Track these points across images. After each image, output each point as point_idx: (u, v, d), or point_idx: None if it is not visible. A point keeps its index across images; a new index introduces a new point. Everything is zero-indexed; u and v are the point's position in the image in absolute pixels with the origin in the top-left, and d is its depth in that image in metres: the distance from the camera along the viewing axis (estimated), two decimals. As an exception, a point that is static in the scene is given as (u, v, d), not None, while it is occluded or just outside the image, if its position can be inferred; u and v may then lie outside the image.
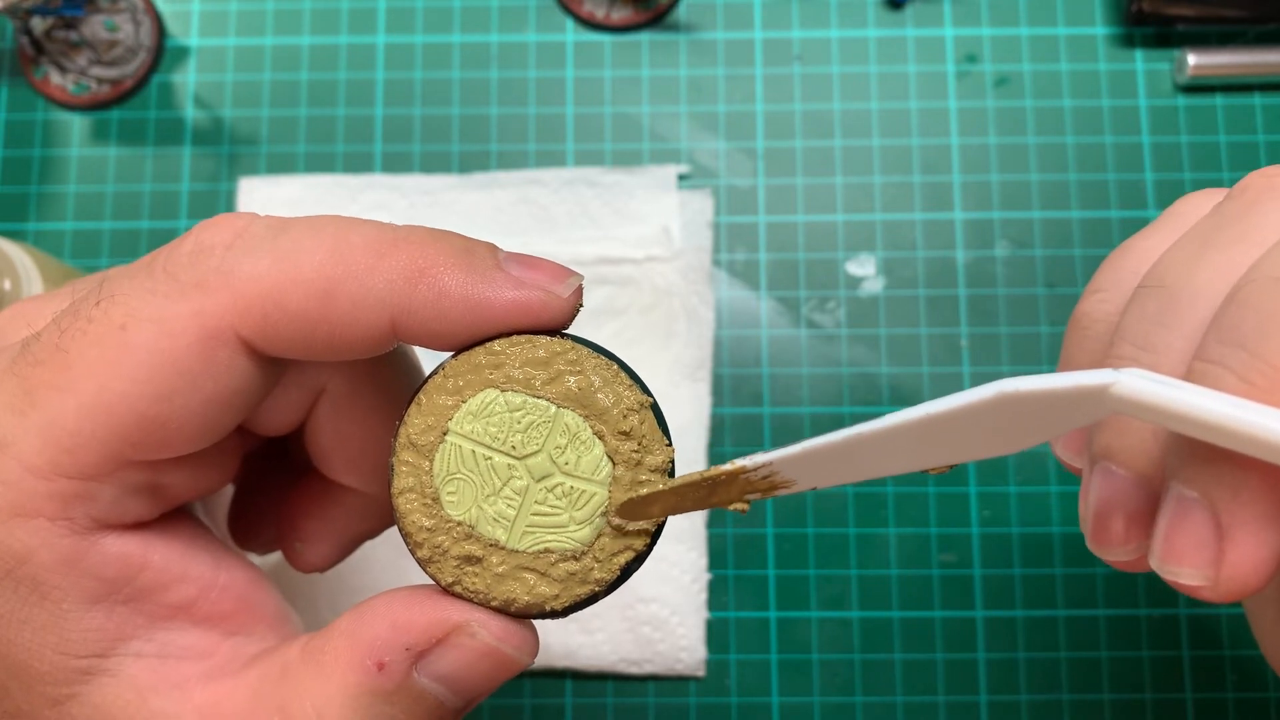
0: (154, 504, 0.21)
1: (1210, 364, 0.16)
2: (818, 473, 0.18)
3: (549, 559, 0.20)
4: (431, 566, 0.20)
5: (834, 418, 0.39)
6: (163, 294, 0.19)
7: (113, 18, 0.41)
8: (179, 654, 0.20)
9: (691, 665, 0.37)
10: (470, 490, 0.20)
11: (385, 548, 0.37)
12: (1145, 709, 0.37)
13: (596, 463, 0.20)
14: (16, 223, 0.41)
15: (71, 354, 0.19)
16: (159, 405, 0.19)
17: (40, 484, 0.19)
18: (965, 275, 0.40)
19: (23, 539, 0.19)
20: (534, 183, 0.40)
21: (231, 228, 0.20)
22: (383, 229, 0.20)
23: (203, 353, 0.19)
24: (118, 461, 0.19)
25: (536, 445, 0.20)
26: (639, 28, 0.42)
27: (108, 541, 0.20)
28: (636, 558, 0.20)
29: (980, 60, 0.42)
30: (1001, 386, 0.15)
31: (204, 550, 0.21)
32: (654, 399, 0.20)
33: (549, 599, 0.20)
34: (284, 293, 0.19)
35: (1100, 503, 0.18)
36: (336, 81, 0.42)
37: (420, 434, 0.20)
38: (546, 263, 0.20)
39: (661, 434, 0.20)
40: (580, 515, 0.20)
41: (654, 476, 0.20)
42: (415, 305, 0.19)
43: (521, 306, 0.20)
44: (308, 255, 0.19)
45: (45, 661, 0.19)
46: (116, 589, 0.20)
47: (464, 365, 0.20)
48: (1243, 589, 0.16)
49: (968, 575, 0.38)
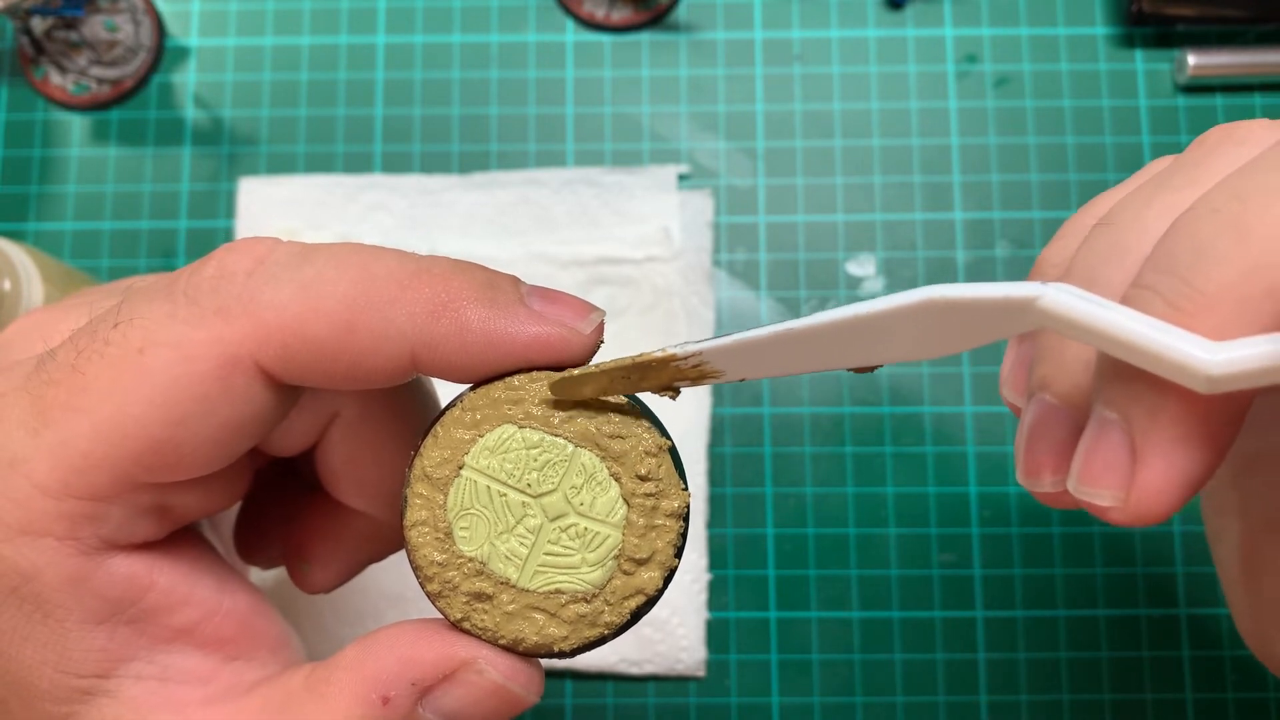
0: (162, 524, 0.20)
1: (1142, 289, 0.16)
2: (745, 364, 0.18)
3: (559, 600, 0.19)
4: (441, 601, 0.20)
5: (834, 418, 0.39)
6: (183, 319, 0.19)
7: (113, 18, 0.41)
8: (179, 677, 0.20)
9: (691, 665, 0.37)
10: (483, 526, 0.20)
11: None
12: (1145, 709, 0.37)
13: (611, 505, 0.20)
14: (16, 223, 0.41)
15: (88, 375, 0.19)
16: (173, 430, 0.19)
17: (50, 503, 0.18)
18: (965, 275, 0.40)
19: (30, 557, 0.19)
20: (534, 183, 0.40)
21: (254, 254, 0.19)
22: (405, 259, 0.20)
23: (220, 379, 0.19)
24: (128, 483, 0.19)
25: (552, 484, 0.20)
26: (639, 28, 0.42)
27: (114, 562, 0.19)
28: (647, 602, 0.20)
29: (980, 60, 0.42)
30: (929, 292, 0.16)
31: (209, 573, 0.21)
32: (672, 442, 0.20)
33: (558, 640, 0.20)
34: (306, 323, 0.19)
35: (1032, 431, 0.19)
36: (336, 81, 0.42)
37: (436, 467, 0.20)
38: (569, 298, 0.20)
39: (678, 478, 0.20)
40: (593, 557, 0.19)
41: (669, 521, 0.19)
42: (437, 339, 0.19)
43: (543, 342, 0.19)
44: (330, 286, 0.19)
45: (46, 679, 0.19)
46: (121, 610, 0.20)
47: (482, 399, 0.20)
48: (1150, 511, 0.16)
49: (968, 575, 0.38)
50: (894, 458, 0.39)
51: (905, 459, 0.39)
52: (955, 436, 0.39)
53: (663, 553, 0.20)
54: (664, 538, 0.20)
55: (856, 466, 0.39)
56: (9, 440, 0.19)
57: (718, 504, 0.38)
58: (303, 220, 0.40)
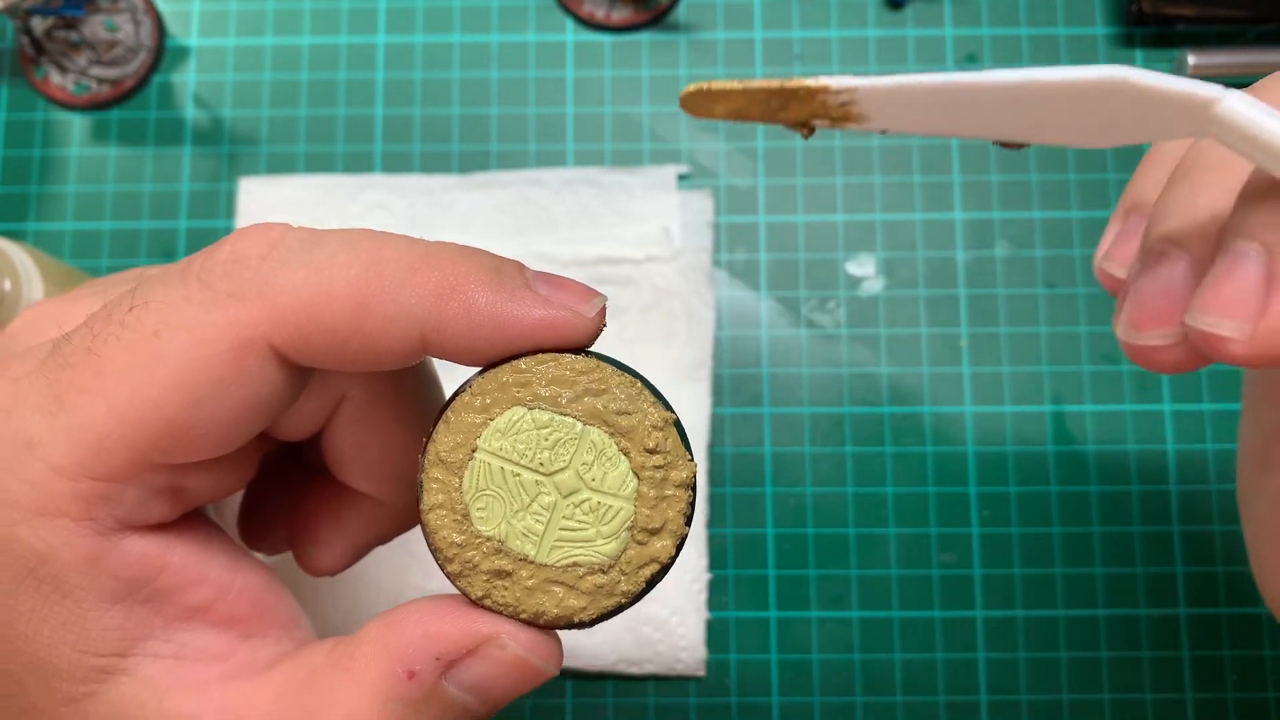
0: (174, 506, 0.21)
1: None
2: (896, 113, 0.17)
3: (577, 572, 0.20)
4: (462, 581, 0.20)
5: (834, 418, 0.39)
6: (197, 302, 0.19)
7: (113, 18, 0.41)
8: (196, 656, 0.21)
9: (691, 665, 0.37)
10: (499, 506, 0.20)
11: (391, 552, 0.37)
12: (1145, 709, 0.37)
13: (622, 478, 0.20)
14: (16, 223, 0.41)
15: (104, 358, 0.19)
16: (188, 412, 0.19)
17: (66, 485, 0.19)
18: (965, 275, 0.40)
19: (46, 538, 0.19)
20: (534, 183, 0.40)
21: (266, 238, 0.20)
22: (414, 244, 0.20)
23: (235, 361, 0.19)
24: (144, 465, 0.19)
25: (564, 462, 0.20)
26: (639, 28, 0.42)
27: (129, 542, 0.20)
28: (661, 569, 0.20)
29: (980, 60, 0.42)
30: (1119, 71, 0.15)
31: (221, 553, 0.22)
32: (677, 416, 0.20)
33: (577, 611, 0.20)
34: (319, 306, 0.19)
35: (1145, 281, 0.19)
36: (336, 81, 0.42)
37: (449, 451, 0.20)
38: (572, 283, 0.21)
39: (685, 450, 0.20)
40: (607, 530, 0.20)
41: (678, 491, 0.20)
42: (445, 322, 0.19)
43: (548, 325, 0.20)
44: (342, 270, 0.19)
45: (64, 659, 0.19)
46: (136, 589, 0.20)
47: (490, 383, 0.20)
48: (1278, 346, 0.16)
49: (968, 575, 0.38)
50: (894, 458, 0.39)
51: (905, 459, 0.39)
52: (955, 436, 0.39)
53: (674, 521, 0.20)
54: (674, 507, 0.20)
55: (856, 466, 0.39)
56: (26, 423, 0.19)
57: (718, 504, 0.38)
58: (303, 220, 0.40)
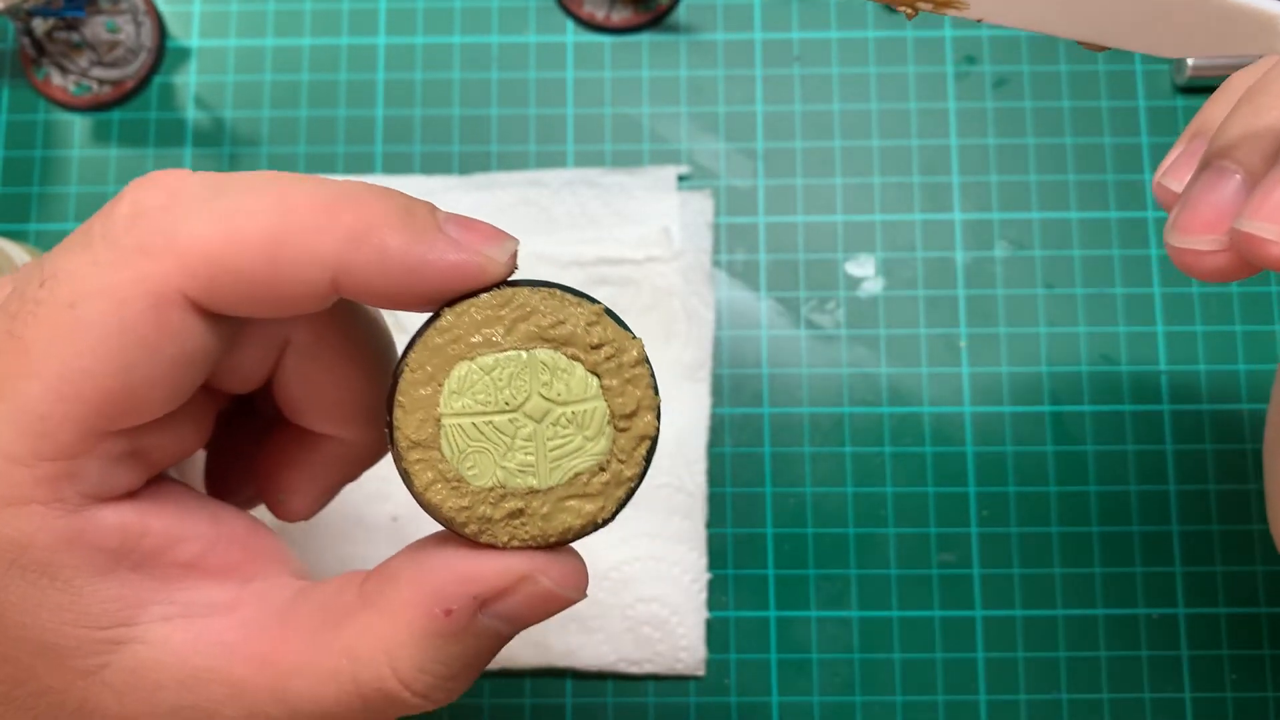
0: (138, 471, 0.21)
1: None
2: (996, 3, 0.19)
3: (582, 480, 0.21)
4: (485, 537, 0.21)
5: (834, 418, 0.39)
6: (106, 264, 0.19)
7: (114, 19, 0.41)
8: (204, 611, 0.21)
9: (691, 665, 0.37)
10: (487, 458, 0.21)
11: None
12: (1145, 709, 0.37)
13: (583, 382, 0.21)
14: (18, 223, 0.41)
15: (26, 339, 0.19)
16: (123, 376, 0.19)
17: (24, 471, 0.19)
18: (964, 275, 0.40)
19: (19, 527, 0.19)
20: (534, 183, 0.40)
21: (166, 187, 0.19)
22: (323, 185, 0.20)
23: (156, 319, 0.19)
24: (94, 435, 0.19)
25: (525, 392, 0.21)
26: (639, 29, 0.42)
27: (103, 514, 0.20)
28: (653, 442, 0.21)
29: (979, 61, 0.42)
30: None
31: (198, 507, 0.22)
32: (604, 305, 0.21)
33: (597, 513, 0.21)
34: (227, 254, 0.19)
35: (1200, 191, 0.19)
36: (337, 82, 0.42)
37: (416, 430, 0.20)
38: (482, 225, 0.21)
39: (625, 331, 0.21)
40: (590, 432, 0.21)
41: (636, 370, 0.21)
42: (357, 266, 0.19)
43: (460, 270, 0.20)
44: (248, 216, 0.19)
45: (69, 638, 0.19)
46: (123, 557, 0.20)
47: (425, 352, 0.21)
48: None
49: (967, 575, 0.38)
50: (893, 458, 0.39)
51: (904, 459, 0.39)
52: (955, 437, 0.39)
53: (644, 397, 0.21)
54: (639, 385, 0.21)
55: (856, 466, 0.39)
56: None
57: (718, 504, 0.39)
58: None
